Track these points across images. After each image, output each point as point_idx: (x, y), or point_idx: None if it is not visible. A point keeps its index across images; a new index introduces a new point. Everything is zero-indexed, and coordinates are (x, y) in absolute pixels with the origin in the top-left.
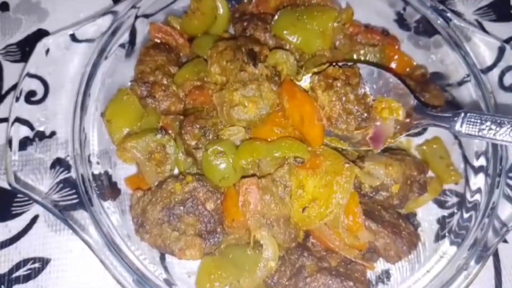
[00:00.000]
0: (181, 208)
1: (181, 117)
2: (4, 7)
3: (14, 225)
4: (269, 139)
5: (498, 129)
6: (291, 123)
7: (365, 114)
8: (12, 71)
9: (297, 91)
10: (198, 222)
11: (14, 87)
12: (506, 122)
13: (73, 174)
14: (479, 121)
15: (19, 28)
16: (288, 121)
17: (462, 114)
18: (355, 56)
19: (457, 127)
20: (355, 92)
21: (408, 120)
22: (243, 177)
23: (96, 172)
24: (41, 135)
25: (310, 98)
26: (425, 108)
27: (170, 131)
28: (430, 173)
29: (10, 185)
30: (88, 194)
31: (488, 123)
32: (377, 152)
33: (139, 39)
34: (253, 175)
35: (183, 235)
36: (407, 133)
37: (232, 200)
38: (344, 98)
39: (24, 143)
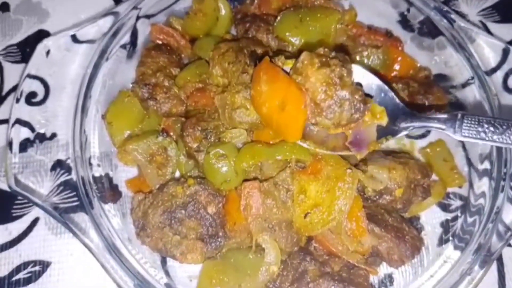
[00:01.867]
0: (183, 211)
1: (183, 119)
2: (5, 7)
3: (15, 228)
4: (271, 142)
5: (497, 131)
6: (262, 111)
7: (361, 105)
8: (12, 72)
9: (279, 71)
10: (199, 226)
11: (14, 88)
12: (505, 125)
13: (73, 176)
14: (477, 123)
15: (19, 29)
16: (260, 107)
17: (459, 116)
18: (358, 58)
19: (455, 129)
20: (350, 77)
21: (396, 123)
22: (245, 180)
23: (96, 174)
24: (41, 137)
25: (295, 80)
26: (413, 111)
27: (171, 134)
28: (434, 177)
29: (10, 187)
30: (89, 196)
31: (486, 125)
32: (360, 158)
33: (140, 40)
34: (255, 178)
35: (185, 239)
36: (396, 137)
37: (234, 204)
38: (339, 81)
39: (25, 145)
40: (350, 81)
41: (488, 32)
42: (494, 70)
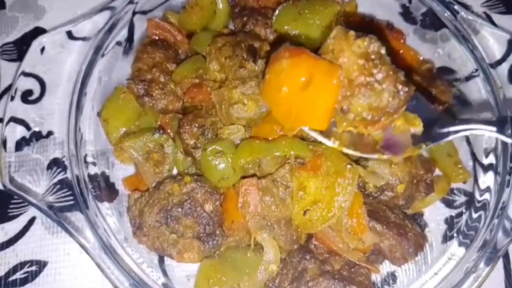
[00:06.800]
0: (179, 209)
1: (180, 115)
2: (0, 5)
3: (11, 227)
4: (269, 138)
5: None
6: (278, 94)
7: (403, 88)
8: (8, 70)
9: (304, 49)
10: (196, 224)
11: (11, 86)
12: None
13: (69, 175)
14: None
15: (15, 27)
16: (276, 89)
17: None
18: None
19: (507, 133)
20: (388, 56)
21: (433, 130)
22: (243, 177)
23: (92, 173)
24: (37, 135)
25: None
26: (450, 118)
27: (168, 130)
28: (438, 172)
29: (4, 186)
30: (83, 195)
31: None
32: (396, 161)
33: (137, 36)
34: (254, 175)
35: (181, 238)
36: (435, 143)
37: (231, 202)
38: (378, 57)
39: (20, 144)
40: (389, 60)
41: (493, 23)
42: (499, 62)
